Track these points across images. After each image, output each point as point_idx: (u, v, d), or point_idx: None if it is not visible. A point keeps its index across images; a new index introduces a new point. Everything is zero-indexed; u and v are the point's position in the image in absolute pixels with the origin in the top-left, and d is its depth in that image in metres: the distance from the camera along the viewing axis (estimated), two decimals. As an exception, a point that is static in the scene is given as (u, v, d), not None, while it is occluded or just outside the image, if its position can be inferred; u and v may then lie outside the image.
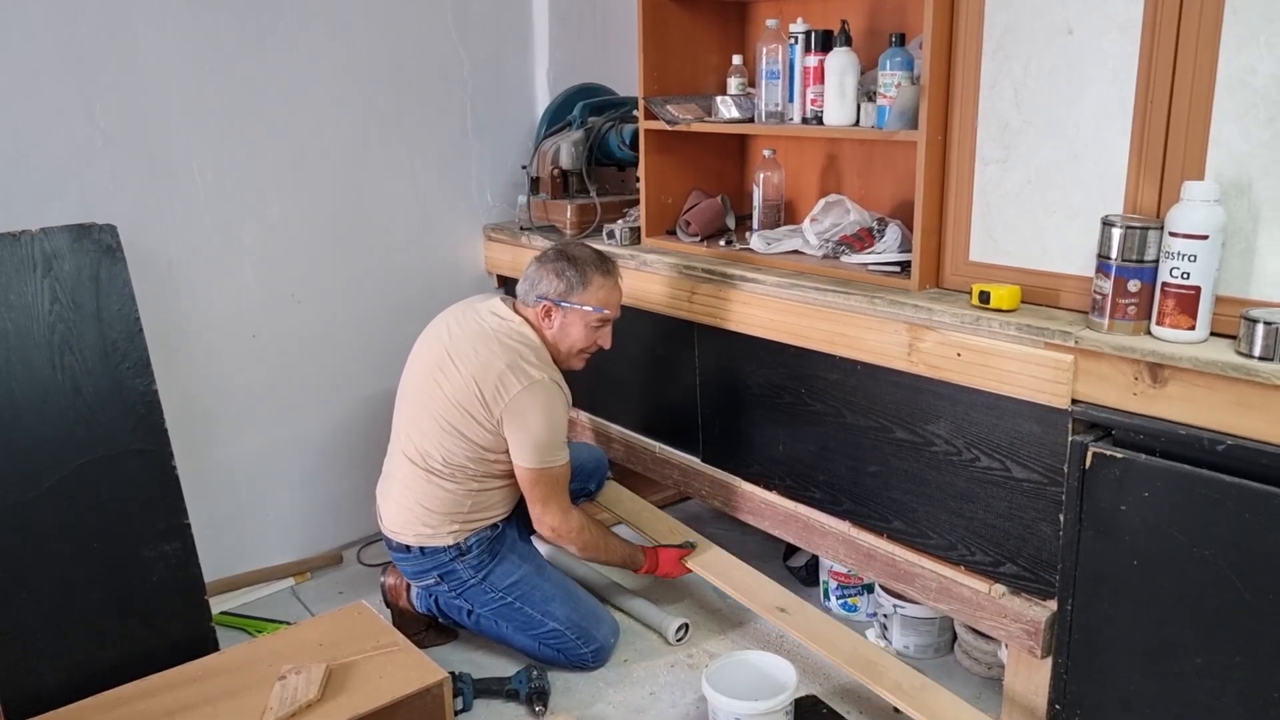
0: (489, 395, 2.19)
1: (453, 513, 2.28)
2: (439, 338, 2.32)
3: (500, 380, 2.18)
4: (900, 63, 2.06)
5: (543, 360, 2.25)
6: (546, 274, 2.28)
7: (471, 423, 2.21)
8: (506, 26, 3.04)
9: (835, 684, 2.30)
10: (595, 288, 2.28)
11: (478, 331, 2.27)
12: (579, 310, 2.28)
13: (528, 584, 2.34)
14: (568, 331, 2.30)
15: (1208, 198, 1.59)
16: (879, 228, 2.28)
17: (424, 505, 2.28)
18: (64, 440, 2.10)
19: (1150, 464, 1.65)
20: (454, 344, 2.27)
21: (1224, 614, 1.60)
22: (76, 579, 2.10)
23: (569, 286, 2.26)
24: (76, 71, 2.27)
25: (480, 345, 2.23)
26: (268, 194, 2.63)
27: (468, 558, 2.31)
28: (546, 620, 2.32)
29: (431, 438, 2.26)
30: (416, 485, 2.29)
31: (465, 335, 2.27)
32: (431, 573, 2.34)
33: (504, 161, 3.12)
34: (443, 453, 2.25)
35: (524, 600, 2.33)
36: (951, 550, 2.04)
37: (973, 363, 1.89)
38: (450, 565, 2.31)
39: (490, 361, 2.20)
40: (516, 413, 2.19)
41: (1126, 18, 1.69)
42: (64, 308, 2.12)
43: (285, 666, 1.96)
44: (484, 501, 2.31)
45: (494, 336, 2.24)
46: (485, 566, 2.33)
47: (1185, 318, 1.64)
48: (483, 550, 2.32)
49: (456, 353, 2.25)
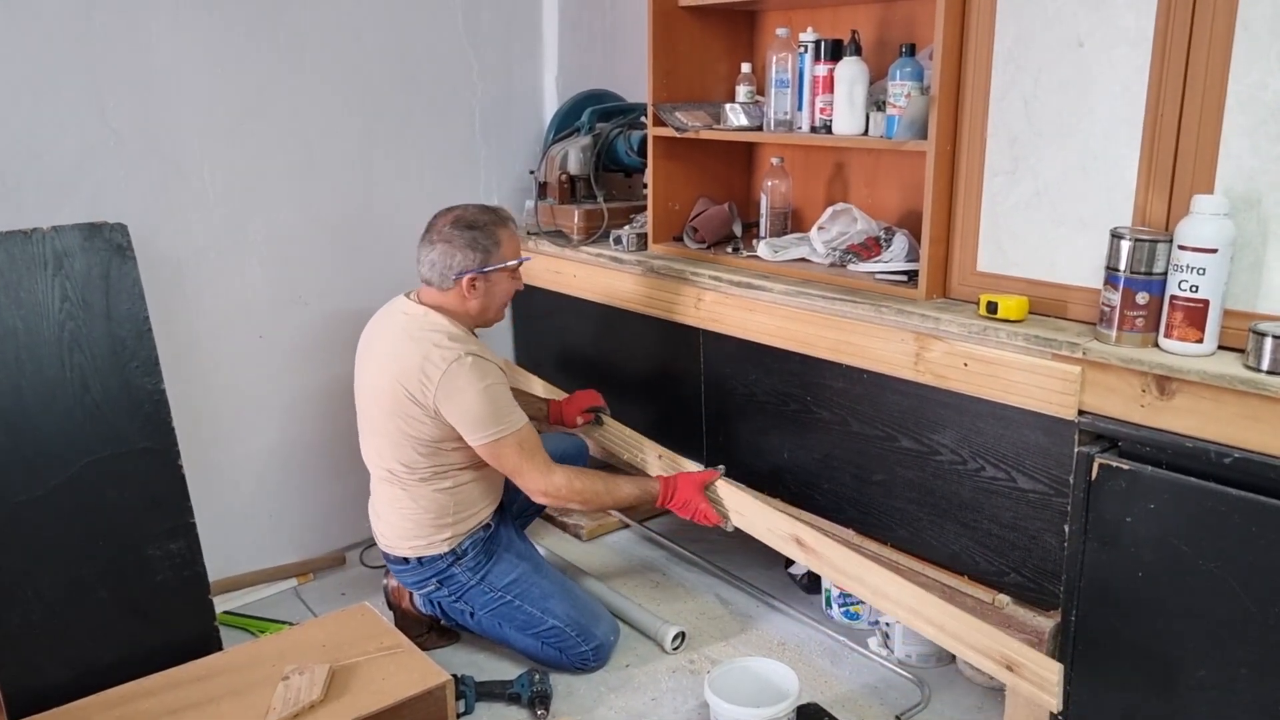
0: (416, 391, 2.17)
1: (438, 518, 2.29)
2: (363, 357, 2.35)
3: (421, 372, 2.17)
4: (910, 73, 2.08)
5: (456, 339, 2.21)
6: (459, 249, 2.22)
7: (414, 423, 2.21)
8: (516, 32, 3.06)
9: (838, 691, 2.30)
10: (505, 242, 2.27)
11: (390, 336, 2.27)
12: (501, 270, 2.27)
13: (526, 581, 2.35)
14: (494, 293, 2.28)
15: (1217, 211, 1.60)
16: (886, 237, 2.29)
17: (409, 518, 2.30)
18: (72, 438, 2.11)
19: (1157, 476, 1.65)
20: (375, 357, 2.29)
21: (1230, 627, 1.61)
22: (82, 577, 2.11)
23: (486, 252, 2.23)
24: (90, 71, 2.28)
25: (395, 347, 2.23)
26: (277, 195, 2.63)
27: (464, 561, 2.32)
28: (546, 618, 2.32)
29: (387, 452, 2.27)
30: (395, 501, 2.31)
31: (382, 343, 2.28)
32: (431, 580, 2.34)
33: (511, 166, 3.13)
34: (402, 462, 2.25)
35: (523, 598, 2.34)
36: (956, 560, 2.05)
37: (979, 373, 1.90)
38: (448, 571, 2.32)
39: (408, 359, 2.19)
40: (447, 396, 2.16)
41: (1137, 32, 1.70)
42: (74, 306, 2.13)
43: (288, 667, 1.96)
44: (464, 499, 2.31)
45: (404, 334, 2.23)
46: (482, 567, 2.33)
47: (1193, 330, 1.64)
48: (478, 551, 2.33)
49: (378, 364, 2.26)
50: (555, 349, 3.09)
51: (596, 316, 2.84)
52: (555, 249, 2.84)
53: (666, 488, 2.32)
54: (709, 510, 2.28)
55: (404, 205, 2.90)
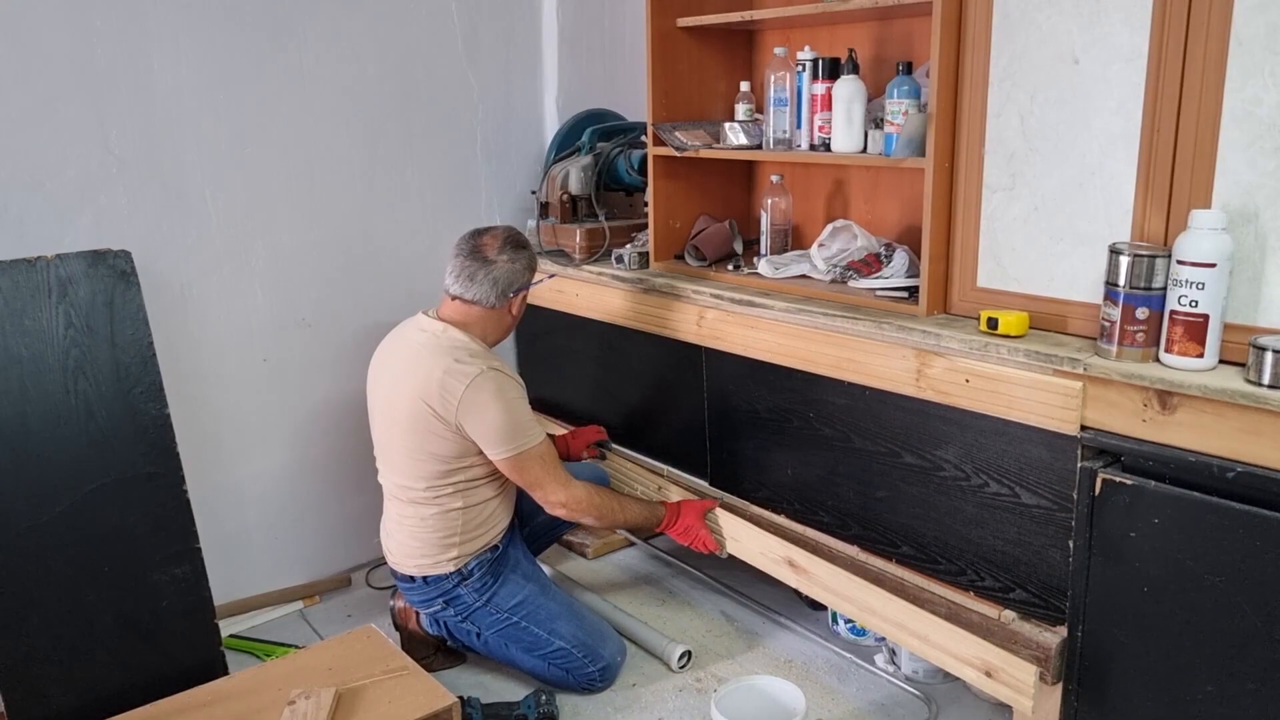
0: (439, 407, 2.19)
1: (446, 538, 2.29)
2: (378, 374, 2.37)
3: (443, 388, 2.18)
4: (907, 91, 2.08)
5: (476, 355, 2.24)
6: (521, 268, 2.34)
7: (434, 439, 2.22)
8: (516, 52, 3.08)
9: (845, 709, 2.30)
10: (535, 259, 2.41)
11: (409, 353, 2.28)
12: (536, 285, 2.41)
13: (533, 603, 2.35)
14: (520, 309, 2.39)
15: (1215, 226, 1.60)
16: (886, 253, 2.30)
17: (416, 536, 2.31)
18: (76, 464, 2.12)
19: (1160, 490, 1.65)
20: (393, 374, 2.30)
21: (1235, 641, 1.60)
22: (87, 602, 2.11)
23: (531, 267, 2.37)
24: (92, 98, 2.30)
25: (415, 364, 2.24)
26: (278, 218, 2.65)
27: (470, 581, 2.32)
28: (553, 639, 2.32)
29: (405, 469, 2.29)
30: (406, 519, 2.32)
31: (401, 361, 2.29)
32: (437, 600, 2.35)
33: (513, 186, 3.14)
34: (419, 479, 2.27)
35: (530, 619, 2.34)
36: (961, 575, 2.04)
37: (981, 388, 1.90)
38: (454, 591, 2.32)
39: (429, 375, 2.20)
40: (470, 411, 2.18)
41: (1132, 49, 1.71)
42: (78, 333, 2.14)
43: (295, 691, 1.96)
44: (475, 520, 2.32)
45: (424, 351, 2.25)
46: (489, 589, 2.34)
47: (1194, 345, 1.64)
48: (485, 573, 2.33)
49: (397, 381, 2.27)
50: (558, 368, 3.09)
51: (599, 335, 2.85)
52: (557, 268, 2.85)
53: (671, 513, 2.45)
54: (707, 537, 2.43)
55: (406, 226, 2.92)
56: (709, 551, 2.45)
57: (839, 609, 2.18)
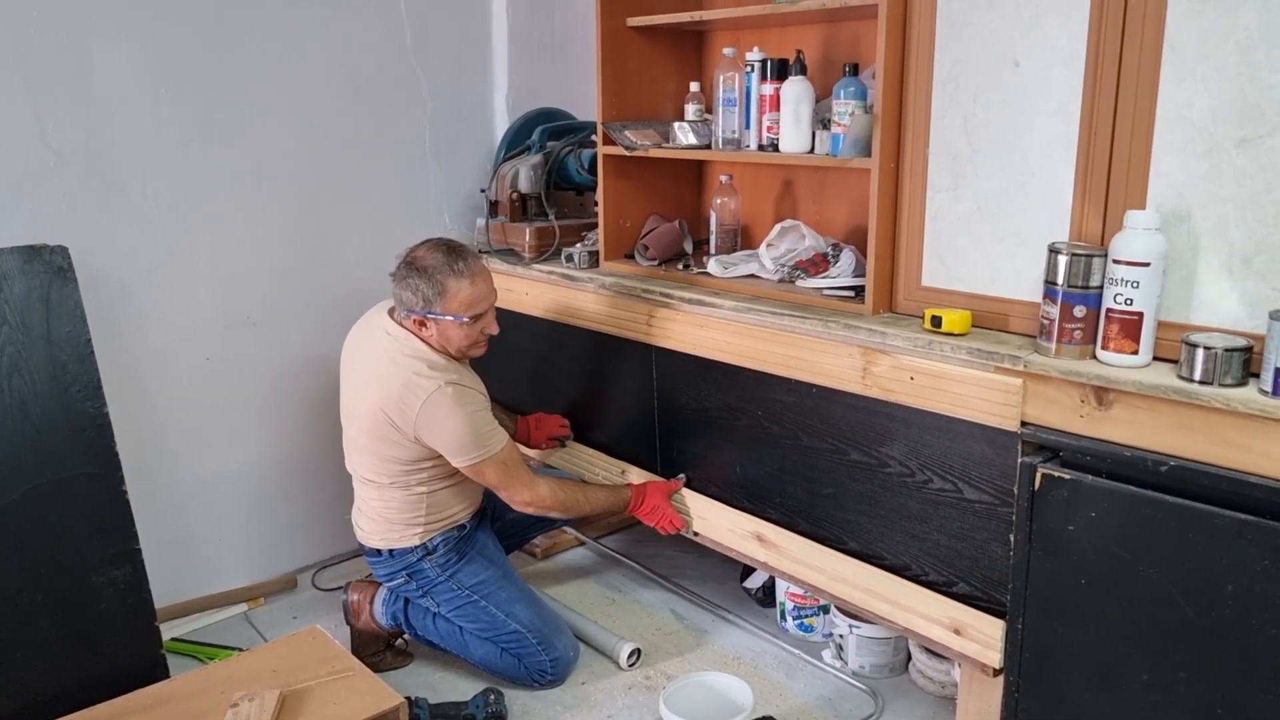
0: (397, 419, 2.21)
1: (411, 517, 2.34)
2: (348, 370, 2.38)
3: (401, 401, 2.20)
4: (854, 92, 2.11)
5: (436, 367, 2.23)
6: (403, 290, 2.23)
7: (393, 445, 2.26)
8: (465, 50, 3.06)
9: (793, 704, 2.32)
10: (452, 295, 2.20)
11: (375, 356, 2.27)
12: (444, 320, 2.23)
13: (493, 584, 2.39)
14: (447, 335, 2.25)
15: (1149, 226, 1.65)
16: (834, 253, 2.32)
17: (382, 514, 2.36)
18: (11, 464, 2.06)
19: (1097, 485, 1.69)
20: (360, 376, 2.31)
21: (1169, 631, 1.64)
22: (23, 606, 2.06)
23: (426, 300, 2.21)
24: (28, 90, 2.24)
25: (378, 371, 2.25)
26: (223, 215, 2.61)
27: (434, 556, 2.36)
28: (510, 621, 2.35)
29: (366, 461, 2.33)
30: (372, 497, 2.37)
31: (368, 363, 2.29)
32: (400, 572, 2.39)
33: (462, 184, 3.12)
34: (380, 471, 2.31)
35: (489, 600, 2.36)
36: (906, 570, 2.07)
37: (925, 386, 1.93)
38: (418, 565, 2.36)
39: (389, 386, 2.21)
40: (428, 425, 2.20)
41: (1070, 52, 1.75)
42: (13, 329, 2.09)
43: (238, 694, 1.93)
44: (439, 502, 2.36)
45: (387, 359, 2.24)
46: (453, 565, 2.37)
47: (1129, 342, 1.68)
48: (449, 549, 2.37)
49: (361, 385, 2.29)
50: (508, 367, 3.07)
51: (549, 334, 2.84)
52: (507, 267, 2.84)
53: (637, 495, 2.47)
54: (674, 516, 2.45)
55: (354, 223, 2.88)
56: (676, 530, 2.46)
57: (809, 580, 2.20)
